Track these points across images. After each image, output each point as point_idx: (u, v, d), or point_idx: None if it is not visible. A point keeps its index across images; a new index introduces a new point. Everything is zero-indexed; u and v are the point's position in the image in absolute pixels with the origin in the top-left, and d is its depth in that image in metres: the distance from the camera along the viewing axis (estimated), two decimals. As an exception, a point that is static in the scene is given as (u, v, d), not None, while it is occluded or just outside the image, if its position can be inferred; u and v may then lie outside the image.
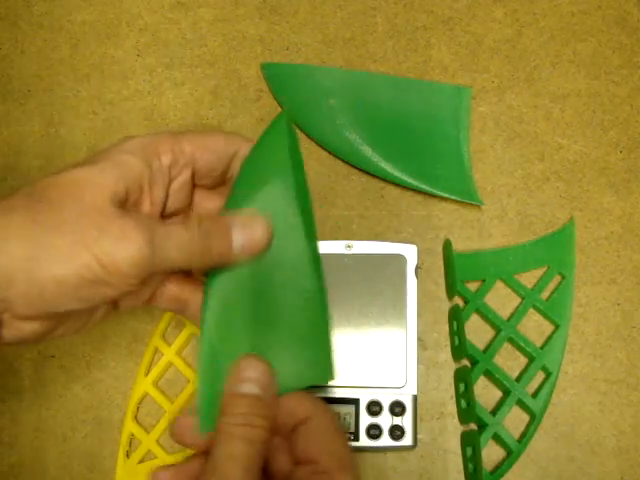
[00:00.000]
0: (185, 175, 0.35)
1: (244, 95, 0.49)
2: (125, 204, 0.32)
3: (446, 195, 0.46)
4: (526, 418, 0.44)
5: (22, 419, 0.46)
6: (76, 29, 0.51)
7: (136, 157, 0.32)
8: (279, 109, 0.49)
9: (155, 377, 0.45)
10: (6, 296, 0.28)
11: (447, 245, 0.46)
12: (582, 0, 0.50)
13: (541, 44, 0.49)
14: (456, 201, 0.47)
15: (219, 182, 0.37)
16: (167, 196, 0.34)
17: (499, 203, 0.47)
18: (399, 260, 0.44)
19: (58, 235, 0.29)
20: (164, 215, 0.35)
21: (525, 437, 0.43)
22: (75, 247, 0.29)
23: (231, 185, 0.36)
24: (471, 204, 0.47)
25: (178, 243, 0.31)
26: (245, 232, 0.33)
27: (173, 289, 0.36)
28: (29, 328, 0.30)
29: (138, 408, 0.45)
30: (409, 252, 0.44)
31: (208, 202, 0.37)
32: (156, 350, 0.46)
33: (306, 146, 0.48)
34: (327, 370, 0.35)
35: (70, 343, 0.46)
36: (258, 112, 0.49)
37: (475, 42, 0.49)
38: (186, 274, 0.36)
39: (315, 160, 0.48)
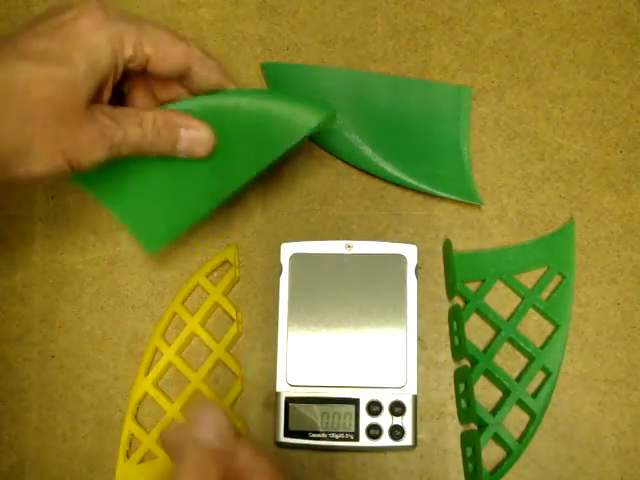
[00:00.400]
0: (138, 70, 0.38)
1: (244, 95, 0.49)
2: (94, 98, 0.36)
3: (446, 195, 0.46)
4: (526, 418, 0.44)
5: (22, 419, 0.46)
6: (76, 29, 0.51)
7: (107, 52, 0.36)
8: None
9: (155, 377, 0.45)
10: None
11: (447, 245, 0.46)
12: (582, 0, 0.50)
13: (541, 44, 0.49)
14: (456, 201, 0.47)
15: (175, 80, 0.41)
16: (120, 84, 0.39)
17: (499, 203, 0.47)
18: (399, 260, 0.44)
19: (35, 138, 0.34)
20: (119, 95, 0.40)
21: (525, 437, 0.43)
22: (52, 152, 0.35)
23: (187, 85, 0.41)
24: (471, 204, 0.47)
25: (133, 142, 0.38)
26: (190, 140, 0.40)
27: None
28: None
29: (138, 408, 0.45)
30: (409, 252, 0.44)
31: (163, 93, 0.42)
32: (156, 350, 0.46)
33: (306, 146, 0.48)
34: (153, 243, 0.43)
35: (70, 343, 0.46)
36: (258, 112, 0.49)
37: (475, 42, 0.49)
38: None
39: (315, 160, 0.48)
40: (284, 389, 0.43)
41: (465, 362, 0.45)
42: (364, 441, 0.42)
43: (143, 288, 0.47)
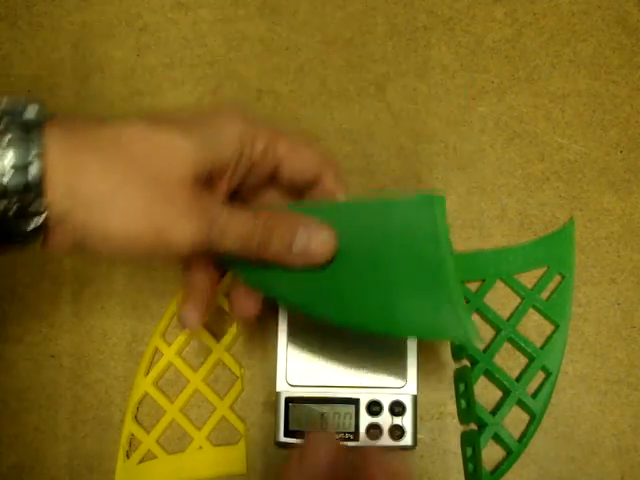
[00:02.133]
0: (267, 172, 0.35)
1: (244, 95, 0.49)
2: (204, 181, 0.32)
3: (441, 339, 0.42)
4: (526, 418, 0.44)
5: (22, 419, 0.46)
6: (76, 29, 0.51)
7: (233, 143, 0.33)
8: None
9: (155, 377, 0.45)
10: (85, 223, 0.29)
11: (447, 245, 0.46)
12: (582, 0, 0.50)
13: (541, 44, 0.49)
14: (456, 201, 0.47)
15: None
16: (244, 182, 0.35)
17: (499, 203, 0.47)
18: (399, 260, 0.44)
19: (129, 194, 0.30)
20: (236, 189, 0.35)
21: (525, 437, 0.43)
22: (140, 214, 0.30)
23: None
24: (471, 204, 0.47)
25: (238, 234, 0.31)
26: (310, 238, 0.32)
27: None
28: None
29: (138, 408, 0.45)
30: (409, 252, 0.44)
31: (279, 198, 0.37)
32: (156, 350, 0.46)
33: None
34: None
35: (70, 343, 0.46)
36: (258, 112, 0.49)
37: (475, 42, 0.49)
38: None
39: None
40: (284, 389, 0.43)
41: (465, 362, 0.45)
42: (364, 441, 0.42)
43: (143, 288, 0.47)
